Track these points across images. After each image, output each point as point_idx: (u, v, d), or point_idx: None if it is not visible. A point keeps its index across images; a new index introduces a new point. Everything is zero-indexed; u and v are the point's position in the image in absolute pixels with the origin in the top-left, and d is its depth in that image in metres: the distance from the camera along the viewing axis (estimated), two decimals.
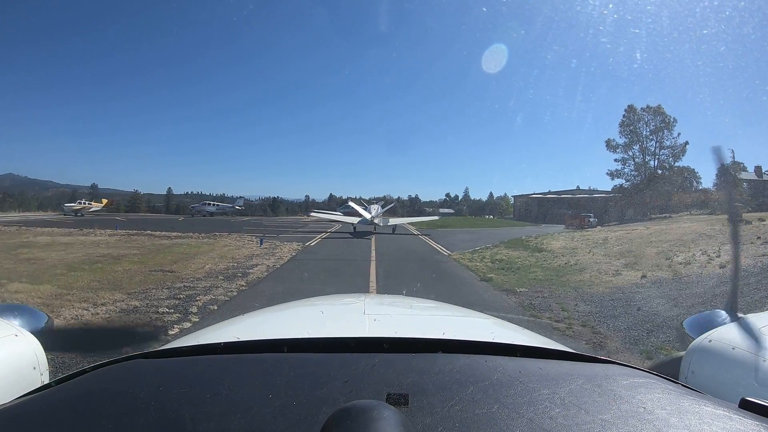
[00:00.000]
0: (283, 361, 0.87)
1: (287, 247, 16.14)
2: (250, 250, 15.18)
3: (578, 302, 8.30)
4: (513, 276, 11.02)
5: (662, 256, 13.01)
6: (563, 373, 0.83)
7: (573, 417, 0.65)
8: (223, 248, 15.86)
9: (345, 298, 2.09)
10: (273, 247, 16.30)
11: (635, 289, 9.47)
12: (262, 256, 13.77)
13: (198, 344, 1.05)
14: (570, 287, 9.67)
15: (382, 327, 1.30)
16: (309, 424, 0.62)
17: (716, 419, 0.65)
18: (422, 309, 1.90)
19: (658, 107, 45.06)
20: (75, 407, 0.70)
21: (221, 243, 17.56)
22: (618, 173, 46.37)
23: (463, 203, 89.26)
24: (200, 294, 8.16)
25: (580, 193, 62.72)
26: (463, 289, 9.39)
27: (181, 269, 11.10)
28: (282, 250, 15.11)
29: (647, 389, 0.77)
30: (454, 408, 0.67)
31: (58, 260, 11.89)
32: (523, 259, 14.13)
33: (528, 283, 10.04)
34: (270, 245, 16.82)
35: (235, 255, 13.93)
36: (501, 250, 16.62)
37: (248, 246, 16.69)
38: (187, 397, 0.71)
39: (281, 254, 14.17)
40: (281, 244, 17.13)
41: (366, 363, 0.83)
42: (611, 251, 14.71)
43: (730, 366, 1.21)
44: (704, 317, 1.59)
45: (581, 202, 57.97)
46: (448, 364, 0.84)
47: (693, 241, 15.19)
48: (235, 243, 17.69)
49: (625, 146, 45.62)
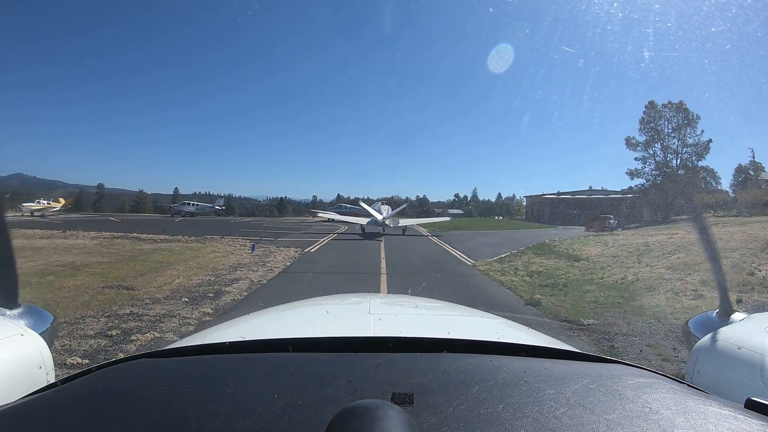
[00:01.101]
0: (287, 361, 0.85)
1: (282, 255, 13.68)
2: (239, 258, 12.76)
3: (676, 344, 5.73)
4: (564, 297, 8.43)
5: (740, 269, 10.34)
6: (568, 373, 0.81)
7: (578, 417, 0.64)
8: (208, 255, 13.46)
9: (350, 297, 2.04)
10: (266, 254, 13.85)
11: None
12: (250, 266, 11.33)
13: (203, 344, 1.01)
14: (649, 317, 7.05)
15: (387, 326, 1.26)
16: (314, 424, 0.61)
17: (722, 419, 0.64)
18: (427, 308, 1.83)
19: (680, 103, 42.07)
20: (80, 407, 0.69)
21: (209, 248, 15.16)
22: (638, 172, 43.28)
23: (472, 204, 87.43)
24: (145, 328, 5.72)
25: (593, 194, 59.82)
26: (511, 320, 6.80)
27: (144, 285, 8.69)
28: (275, 259, 12.65)
29: (652, 389, 0.75)
30: (459, 407, 0.66)
31: None
32: (564, 271, 11.53)
33: (590, 310, 7.45)
34: (263, 251, 14.38)
35: (218, 264, 11.52)
36: (532, 258, 14.02)
37: (238, 252, 14.26)
38: (192, 397, 0.70)
39: (273, 264, 11.72)
40: (277, 250, 14.68)
41: (371, 362, 0.81)
42: (670, 262, 12.03)
43: (736, 366, 1.19)
44: (710, 317, 1.57)
45: (595, 203, 55.13)
46: (453, 363, 0.82)
47: (764, 249, 12.50)
48: (224, 248, 15.28)
49: (646, 144, 42.61)
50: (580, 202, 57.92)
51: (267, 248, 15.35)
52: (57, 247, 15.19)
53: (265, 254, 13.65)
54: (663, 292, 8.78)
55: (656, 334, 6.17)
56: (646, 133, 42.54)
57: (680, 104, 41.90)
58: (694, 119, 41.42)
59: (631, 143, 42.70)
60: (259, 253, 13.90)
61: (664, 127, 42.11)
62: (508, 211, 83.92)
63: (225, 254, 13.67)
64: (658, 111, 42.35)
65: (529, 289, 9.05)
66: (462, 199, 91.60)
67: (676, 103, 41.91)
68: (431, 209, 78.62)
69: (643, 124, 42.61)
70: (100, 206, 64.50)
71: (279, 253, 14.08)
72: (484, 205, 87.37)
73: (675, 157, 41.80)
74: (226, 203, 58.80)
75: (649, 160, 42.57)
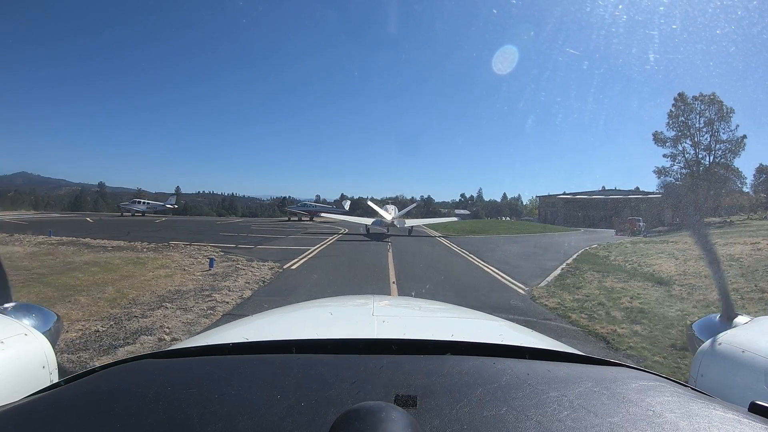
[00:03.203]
0: (291, 362, 0.83)
1: (251, 274, 9.42)
2: (184, 280, 8.55)
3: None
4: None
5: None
6: (572, 376, 0.78)
7: (581, 420, 0.62)
8: (149, 273, 9.28)
9: (354, 299, 1.95)
10: (228, 272, 9.59)
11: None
12: (190, 296, 7.12)
13: (206, 344, 0.99)
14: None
15: (391, 328, 1.22)
16: (317, 426, 0.60)
17: (725, 423, 0.62)
18: (431, 311, 1.80)
19: (713, 95, 37.54)
20: (84, 406, 0.68)
21: (158, 262, 10.96)
22: (666, 171, 38.74)
23: (478, 204, 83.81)
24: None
25: (609, 194, 55.28)
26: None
27: None
28: (236, 283, 8.39)
29: (656, 392, 0.73)
30: (462, 410, 0.64)
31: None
32: (669, 305, 7.31)
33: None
34: (228, 267, 10.17)
35: (147, 292, 7.34)
36: (601, 280, 9.75)
37: (193, 269, 10.00)
38: (195, 398, 0.68)
39: (227, 293, 7.49)
40: (247, 266, 10.45)
41: (374, 364, 0.79)
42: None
43: (740, 369, 1.17)
44: (714, 320, 1.54)
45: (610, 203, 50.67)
46: (456, 365, 0.80)
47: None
48: (179, 261, 11.10)
49: (675, 140, 38.06)
50: (596, 203, 53.36)
51: (236, 261, 11.15)
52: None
53: (227, 273, 9.44)
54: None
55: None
56: (675, 128, 38.06)
57: (713, 96, 37.36)
58: (727, 113, 36.91)
59: (659, 139, 38.20)
60: (219, 270, 9.70)
61: (695, 121, 37.59)
62: (515, 211, 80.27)
63: (172, 272, 9.49)
64: (688, 104, 37.83)
65: (649, 348, 4.82)
66: (468, 199, 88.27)
67: (708, 95, 37.42)
68: (437, 209, 74.94)
69: (671, 118, 38.10)
70: (98, 206, 61.05)
71: (248, 270, 9.85)
72: (490, 206, 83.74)
73: (708, 153, 37.20)
74: (232, 202, 54.74)
75: (678, 158, 38.05)
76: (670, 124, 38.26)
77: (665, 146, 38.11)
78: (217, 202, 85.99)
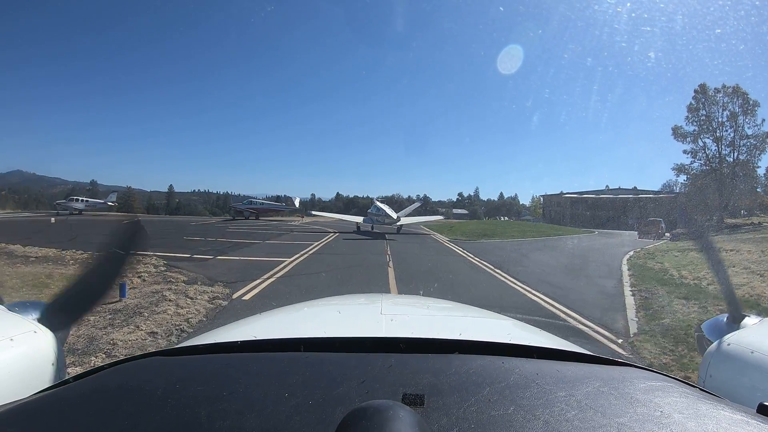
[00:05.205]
0: (299, 361, 0.81)
1: (174, 311, 5.79)
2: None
3: None
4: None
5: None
6: (580, 376, 0.77)
7: (589, 420, 0.61)
8: None
9: (362, 298, 1.94)
10: (145, 305, 6.09)
11: None
12: None
13: (215, 342, 0.97)
14: None
15: (399, 327, 1.20)
16: (324, 424, 0.59)
17: (734, 424, 0.61)
18: (439, 309, 1.74)
19: (736, 87, 34.12)
20: (92, 403, 0.67)
21: (63, 283, 7.56)
22: (685, 168, 35.44)
23: (475, 203, 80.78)
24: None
25: (619, 193, 52.01)
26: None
27: None
28: (136, 333, 4.98)
29: (664, 393, 0.72)
30: (469, 409, 0.63)
31: None
32: None
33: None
34: (155, 294, 6.74)
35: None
36: (700, 312, 6.45)
37: (113, 290, 6.66)
38: (203, 395, 0.67)
39: (117, 345, 4.12)
40: (181, 292, 6.97)
41: (382, 363, 0.78)
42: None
43: (749, 370, 1.14)
44: (723, 320, 1.50)
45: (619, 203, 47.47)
46: (464, 364, 0.78)
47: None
48: None
49: (695, 135, 34.73)
50: (605, 203, 50.03)
51: (171, 284, 7.65)
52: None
53: (136, 310, 5.90)
54: None
55: None
56: (695, 122, 34.73)
57: (737, 88, 34.00)
58: (753, 106, 33.58)
59: (679, 134, 34.84)
60: (130, 303, 6.17)
61: (718, 114, 34.25)
62: (515, 211, 77.27)
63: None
64: (709, 96, 34.50)
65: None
66: (465, 199, 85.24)
67: (731, 86, 34.08)
68: (435, 208, 71.64)
69: (691, 111, 34.73)
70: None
71: (174, 303, 6.27)
72: (487, 205, 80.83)
73: (732, 149, 33.87)
74: (226, 201, 51.15)
75: (699, 154, 34.73)
76: (689, 118, 34.92)
77: (685, 142, 34.76)
78: (212, 201, 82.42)
